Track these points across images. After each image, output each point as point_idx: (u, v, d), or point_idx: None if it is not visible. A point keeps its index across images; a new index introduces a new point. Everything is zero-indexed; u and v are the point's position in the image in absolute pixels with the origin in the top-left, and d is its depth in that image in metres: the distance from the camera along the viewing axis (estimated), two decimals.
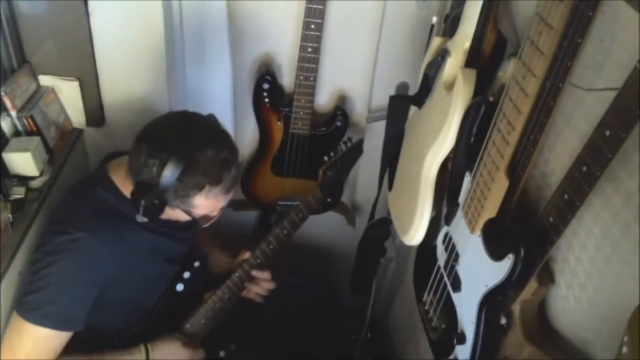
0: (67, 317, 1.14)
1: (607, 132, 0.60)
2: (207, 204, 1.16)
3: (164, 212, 1.15)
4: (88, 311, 1.17)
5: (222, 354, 1.43)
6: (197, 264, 1.35)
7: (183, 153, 1.09)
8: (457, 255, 1.00)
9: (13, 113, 1.37)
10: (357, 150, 1.53)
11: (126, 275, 1.20)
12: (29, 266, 1.17)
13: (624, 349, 0.57)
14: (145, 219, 1.14)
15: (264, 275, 1.43)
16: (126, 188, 1.18)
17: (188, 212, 1.17)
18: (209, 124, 1.17)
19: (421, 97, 1.21)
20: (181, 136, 1.12)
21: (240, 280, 1.39)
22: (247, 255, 1.42)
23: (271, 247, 1.40)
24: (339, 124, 1.71)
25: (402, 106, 1.33)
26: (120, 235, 1.18)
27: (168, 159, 1.08)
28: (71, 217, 1.17)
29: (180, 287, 1.33)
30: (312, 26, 1.47)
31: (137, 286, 1.25)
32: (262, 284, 1.44)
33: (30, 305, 1.11)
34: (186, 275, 1.34)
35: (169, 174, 1.08)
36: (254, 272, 1.41)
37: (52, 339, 1.13)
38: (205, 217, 1.21)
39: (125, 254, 1.18)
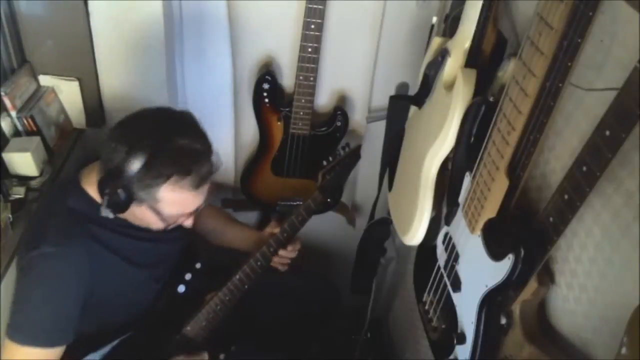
0: (51, 333, 1.12)
1: (607, 132, 0.60)
2: (173, 198, 1.09)
3: (131, 211, 1.11)
4: (75, 323, 1.14)
5: (222, 356, 1.43)
6: (198, 265, 1.35)
7: (154, 138, 1.06)
8: (457, 255, 1.00)
9: (13, 113, 1.37)
10: (355, 155, 1.52)
11: (109, 282, 1.18)
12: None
13: (623, 350, 0.57)
14: (110, 214, 1.09)
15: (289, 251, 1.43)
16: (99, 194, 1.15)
17: (155, 210, 1.11)
18: (187, 118, 1.14)
19: (421, 97, 1.21)
20: (155, 124, 1.10)
21: (241, 283, 1.39)
22: (276, 229, 1.41)
23: (271, 249, 1.40)
24: (339, 124, 1.71)
25: (402, 106, 1.33)
26: (96, 244, 1.15)
27: (137, 143, 1.04)
28: (42, 232, 1.13)
29: (181, 288, 1.33)
30: (312, 26, 1.47)
31: (124, 291, 1.23)
32: (284, 254, 1.43)
33: (15, 326, 1.10)
34: (187, 276, 1.33)
35: (137, 159, 1.04)
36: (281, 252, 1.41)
37: (43, 356, 1.11)
38: (174, 218, 1.16)
39: (102, 262, 1.15)
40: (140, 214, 1.13)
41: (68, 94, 1.52)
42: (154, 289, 1.31)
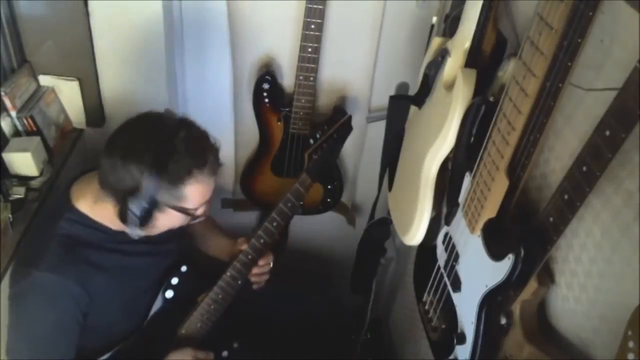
0: (50, 355, 1.11)
1: (607, 132, 0.60)
2: (198, 190, 1.10)
3: (157, 222, 1.11)
4: (74, 343, 1.14)
5: (224, 354, 1.42)
6: (184, 268, 1.32)
7: (160, 144, 1.06)
8: (457, 255, 1.00)
9: (13, 113, 1.37)
10: (345, 127, 1.42)
11: (106, 303, 1.17)
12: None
13: (630, 344, 0.57)
14: (141, 233, 1.10)
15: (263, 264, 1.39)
16: (95, 212, 1.14)
17: (181, 209, 1.12)
18: (170, 115, 1.13)
19: (421, 97, 1.21)
20: (149, 132, 1.09)
21: (233, 279, 1.35)
22: (244, 246, 1.36)
23: (262, 241, 1.34)
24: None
25: (402, 106, 1.33)
26: (90, 268, 1.14)
27: (144, 156, 1.03)
28: (34, 258, 1.11)
29: (169, 293, 1.30)
30: (312, 26, 1.47)
31: (121, 307, 1.23)
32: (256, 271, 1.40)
33: (13, 354, 1.10)
34: (174, 281, 1.31)
35: (153, 168, 1.03)
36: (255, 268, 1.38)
37: None
38: (198, 210, 1.16)
39: (97, 286, 1.14)
40: (167, 221, 1.14)
41: (68, 94, 1.52)
42: (146, 306, 1.30)
